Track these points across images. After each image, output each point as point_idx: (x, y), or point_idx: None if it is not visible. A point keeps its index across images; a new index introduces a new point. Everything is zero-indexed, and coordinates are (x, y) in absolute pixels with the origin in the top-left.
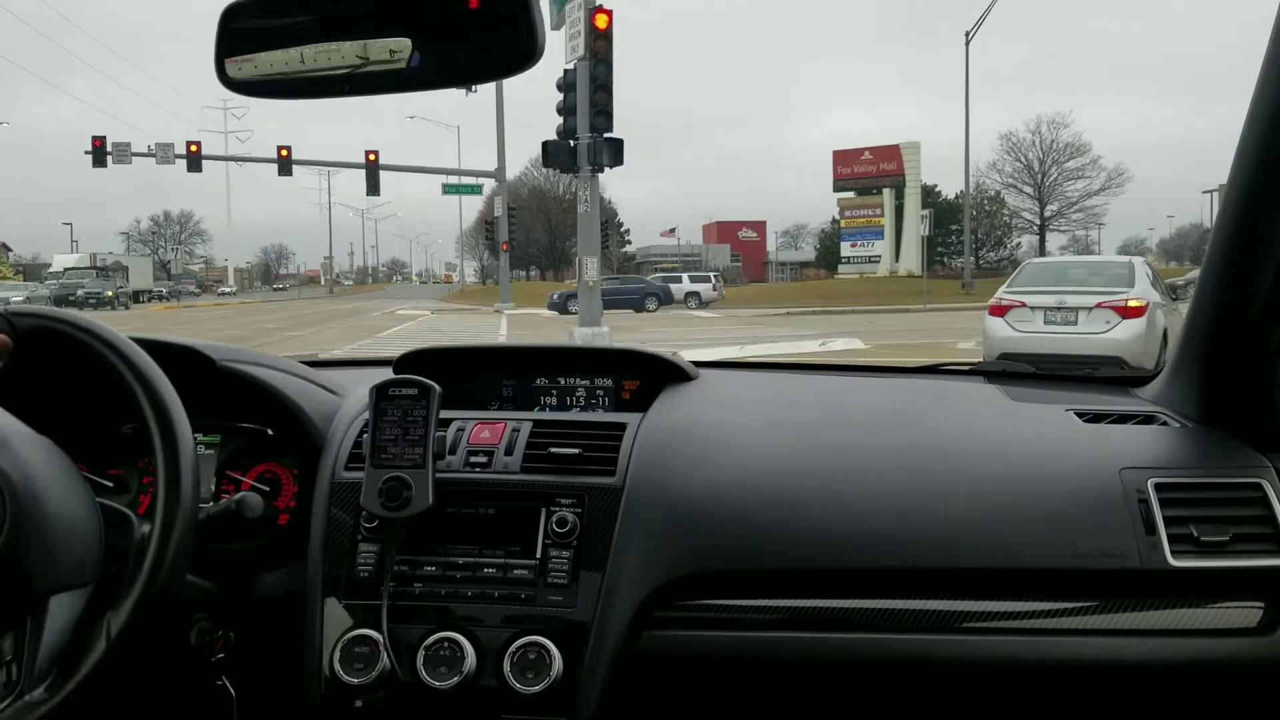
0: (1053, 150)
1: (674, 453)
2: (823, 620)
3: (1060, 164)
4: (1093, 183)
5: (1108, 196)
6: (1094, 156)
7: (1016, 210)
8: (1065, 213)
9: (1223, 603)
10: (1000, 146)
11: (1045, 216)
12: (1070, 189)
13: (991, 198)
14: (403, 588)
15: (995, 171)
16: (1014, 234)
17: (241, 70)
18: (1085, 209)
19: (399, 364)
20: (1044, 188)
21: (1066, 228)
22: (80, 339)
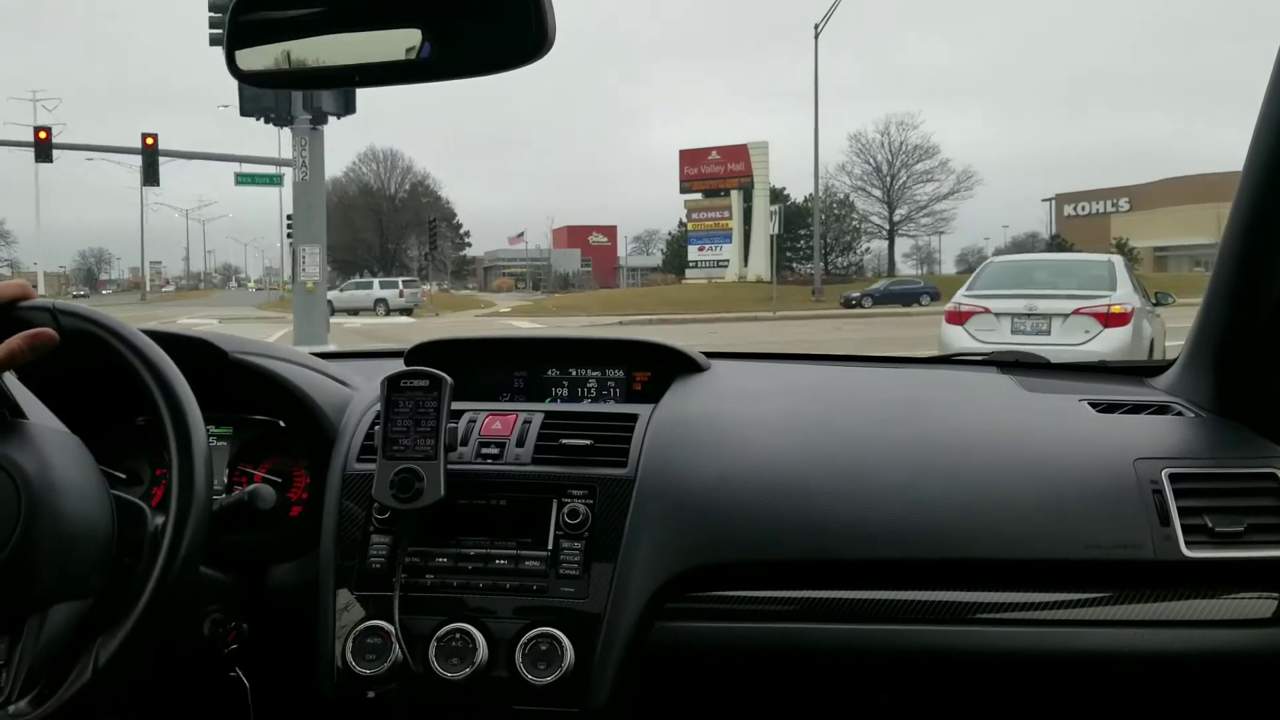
0: (902, 152)
1: (685, 443)
2: (835, 611)
3: (909, 166)
4: (942, 186)
5: (957, 200)
6: (943, 159)
7: (866, 214)
8: (915, 217)
9: (1237, 594)
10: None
11: (895, 221)
12: (919, 192)
13: (841, 201)
14: (414, 579)
15: (845, 173)
16: (863, 239)
17: (252, 62)
18: (934, 213)
19: (410, 355)
20: (893, 191)
21: (916, 232)
22: (94, 333)
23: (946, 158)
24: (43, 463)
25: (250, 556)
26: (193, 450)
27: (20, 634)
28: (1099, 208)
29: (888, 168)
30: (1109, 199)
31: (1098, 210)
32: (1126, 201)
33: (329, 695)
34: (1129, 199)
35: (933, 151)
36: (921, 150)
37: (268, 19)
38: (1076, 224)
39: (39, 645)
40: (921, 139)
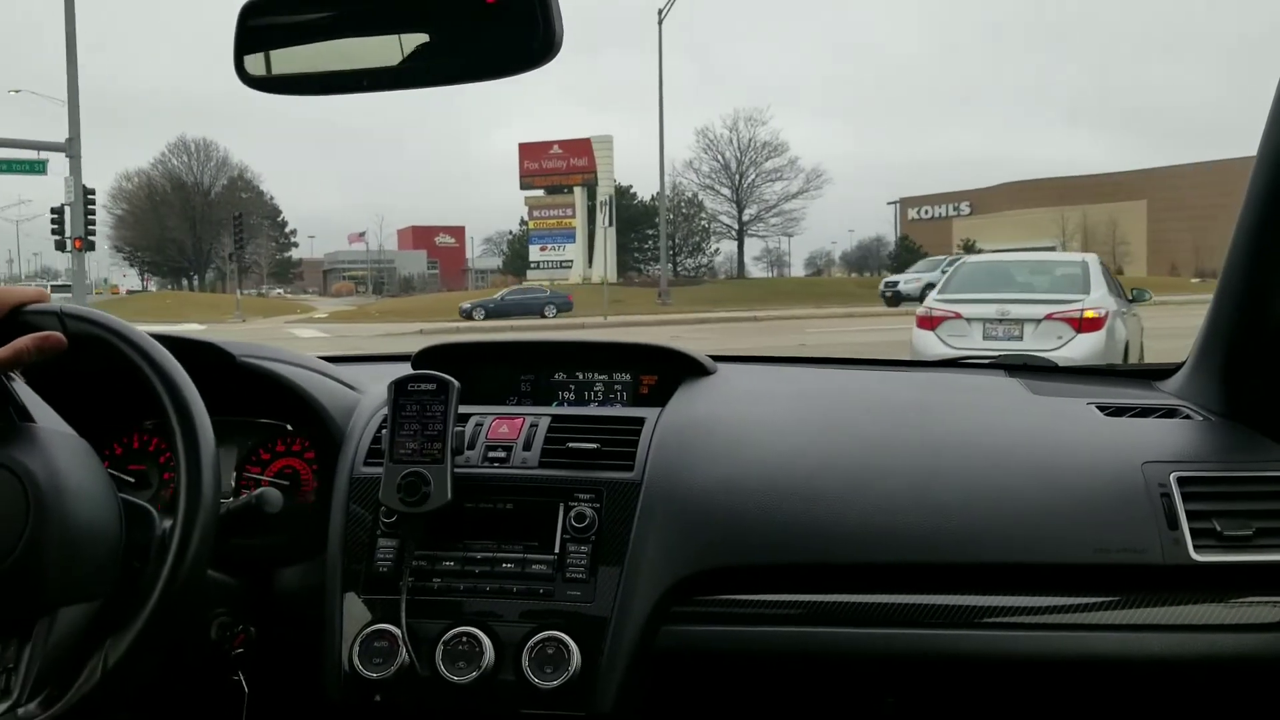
0: (751, 149)
1: (692, 447)
2: (842, 615)
3: (759, 164)
4: (791, 184)
5: (806, 200)
6: (792, 157)
7: (715, 214)
8: (764, 216)
9: (1246, 598)
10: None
11: (744, 220)
12: (769, 191)
13: (689, 200)
14: (421, 583)
15: (692, 170)
16: (713, 239)
17: (260, 68)
18: (784, 213)
19: (418, 359)
20: (742, 189)
21: (766, 233)
22: (102, 337)
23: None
24: (50, 466)
25: (257, 560)
26: (200, 453)
27: (29, 636)
28: (941, 211)
29: (736, 165)
30: (951, 203)
31: (940, 214)
32: (968, 205)
33: (336, 699)
34: (970, 203)
35: (782, 149)
36: (770, 147)
37: (276, 24)
38: (920, 227)
39: (48, 647)
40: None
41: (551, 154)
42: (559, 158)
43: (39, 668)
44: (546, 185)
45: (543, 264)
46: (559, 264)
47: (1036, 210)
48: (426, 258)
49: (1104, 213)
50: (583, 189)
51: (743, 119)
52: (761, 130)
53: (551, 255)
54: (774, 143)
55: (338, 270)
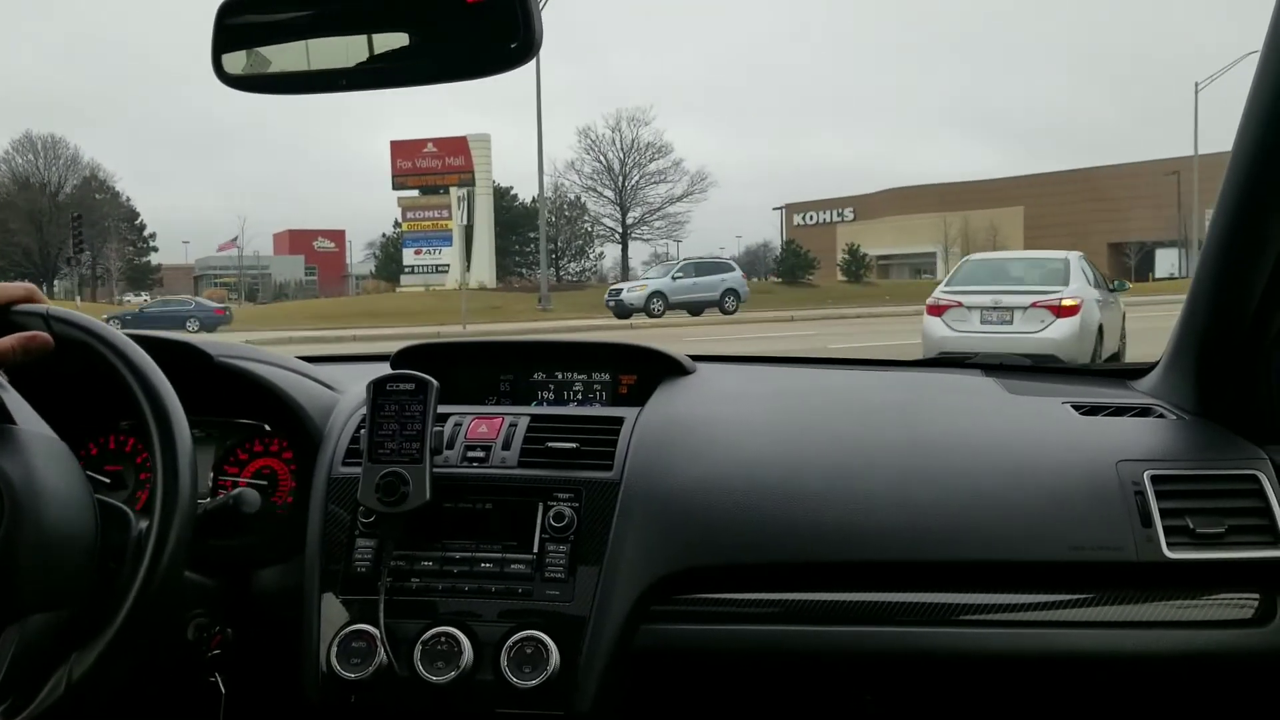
0: (634, 150)
1: (672, 446)
2: (821, 614)
3: (642, 165)
4: (675, 187)
5: (691, 203)
6: (676, 159)
7: (598, 217)
8: (649, 220)
9: (1219, 594)
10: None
11: (628, 224)
12: (653, 193)
13: (572, 203)
14: (400, 583)
15: (574, 171)
16: (596, 243)
17: (238, 66)
18: (669, 215)
19: (396, 359)
20: (625, 191)
21: (650, 236)
22: (76, 336)
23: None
24: (27, 469)
25: (235, 560)
26: (177, 454)
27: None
28: (826, 217)
29: (620, 166)
30: (835, 209)
31: (825, 220)
32: (851, 211)
33: (313, 699)
34: (854, 208)
35: (666, 150)
36: (654, 149)
37: (254, 23)
38: (806, 232)
39: (15, 655)
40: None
41: (426, 153)
42: (434, 156)
43: (4, 675)
44: (421, 185)
45: (417, 268)
46: (435, 268)
47: (919, 216)
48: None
49: (984, 218)
50: (460, 189)
51: (625, 119)
52: (645, 131)
53: (427, 259)
54: (658, 144)
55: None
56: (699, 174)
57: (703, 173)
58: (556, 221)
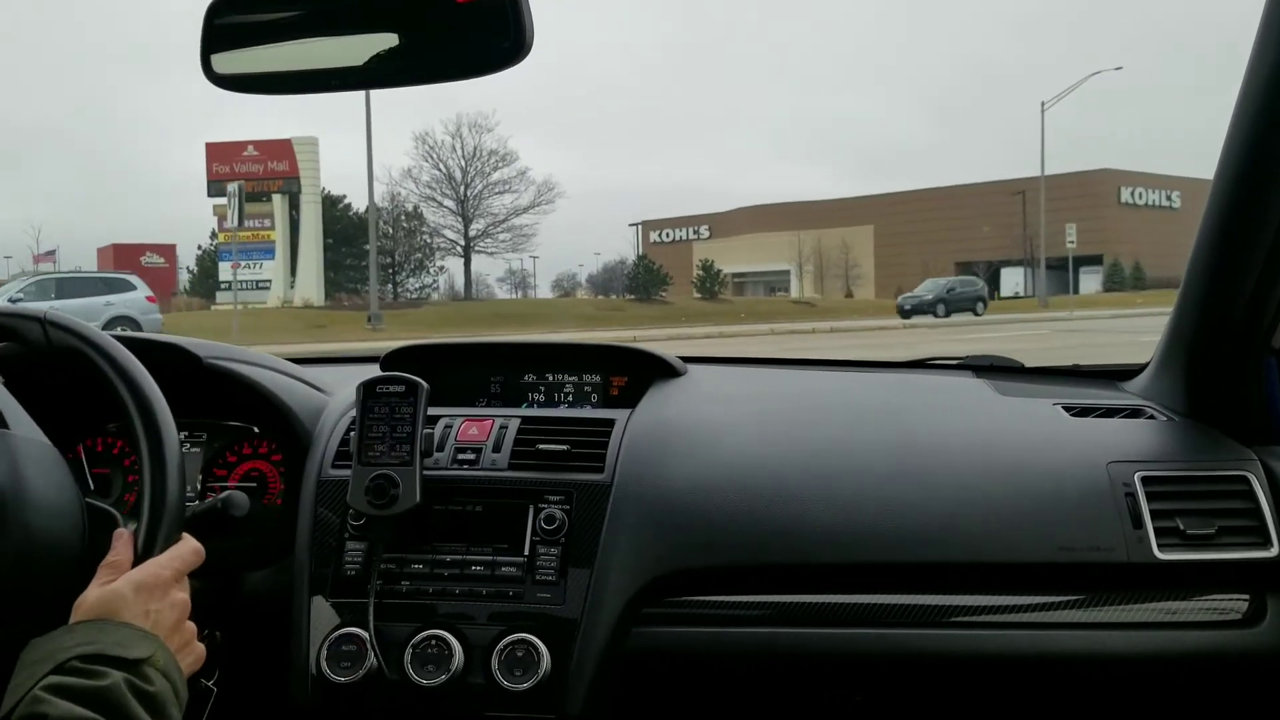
0: (476, 158)
1: (662, 448)
2: (811, 615)
3: (485, 175)
4: (521, 197)
5: (538, 214)
6: (521, 168)
7: (438, 228)
8: (492, 232)
9: (1209, 595)
10: (416, 150)
11: (471, 236)
12: (497, 204)
13: (410, 213)
14: (390, 586)
15: (411, 179)
16: (437, 256)
17: (227, 66)
18: (514, 228)
19: (386, 361)
20: (468, 202)
21: (495, 249)
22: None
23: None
24: (16, 475)
25: (224, 563)
26: (164, 456)
27: None
28: (682, 234)
29: (461, 175)
30: (691, 226)
31: (681, 237)
32: (707, 229)
33: (303, 702)
34: (710, 226)
35: (511, 158)
36: (498, 156)
37: (243, 23)
38: (662, 249)
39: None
40: (498, 144)
41: (246, 156)
42: (255, 160)
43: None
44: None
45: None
46: (256, 284)
47: (773, 234)
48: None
49: (836, 236)
50: (283, 197)
51: (467, 125)
52: (488, 138)
53: (246, 274)
54: (501, 151)
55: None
56: (546, 184)
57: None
58: (393, 234)
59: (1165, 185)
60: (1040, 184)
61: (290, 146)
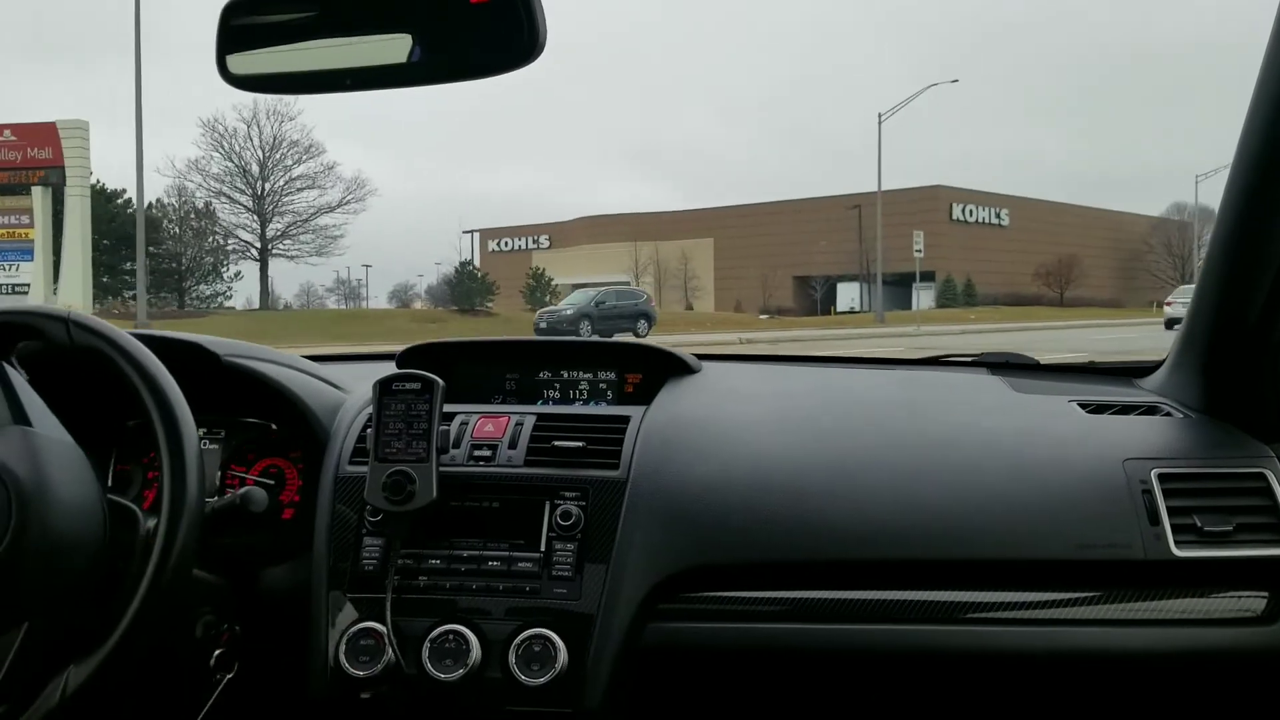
0: (277, 149)
1: (677, 445)
2: (828, 612)
3: (287, 168)
4: (328, 194)
5: (348, 213)
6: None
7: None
8: (294, 233)
9: (1226, 592)
10: (204, 138)
11: (269, 237)
12: (299, 201)
13: (200, 210)
14: (407, 581)
15: (198, 172)
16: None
17: (243, 66)
18: (319, 229)
19: (402, 358)
20: (265, 198)
21: (297, 252)
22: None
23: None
24: (39, 472)
25: (243, 559)
26: (184, 453)
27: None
28: (521, 244)
29: (260, 169)
30: (531, 235)
31: (520, 246)
32: (547, 238)
33: (322, 697)
34: (549, 236)
35: (317, 150)
36: (301, 148)
37: (258, 23)
38: (501, 259)
39: (14, 658)
40: (302, 134)
41: (2, 141)
42: (13, 146)
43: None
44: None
45: None
46: (10, 288)
47: (614, 245)
48: None
49: (676, 249)
50: (45, 189)
51: (265, 112)
52: (290, 127)
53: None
54: (305, 142)
55: None
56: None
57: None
58: (180, 234)
59: (994, 203)
60: (877, 198)
61: (55, 131)
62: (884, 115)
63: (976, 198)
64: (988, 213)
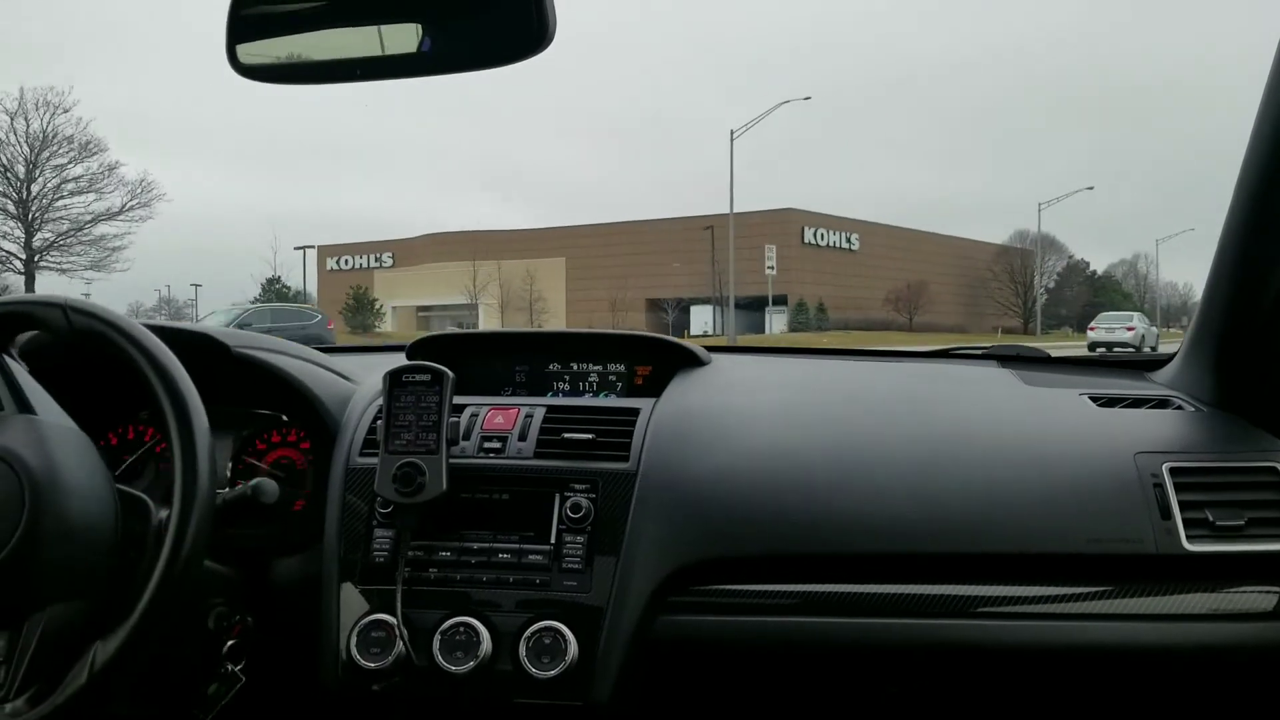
0: (49, 145)
1: (687, 437)
2: (838, 605)
3: (61, 167)
4: (108, 198)
5: (131, 222)
6: (110, 163)
7: None
8: (67, 243)
9: (1238, 587)
10: None
11: (36, 247)
12: (73, 206)
13: None
14: (418, 573)
15: None
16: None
17: (253, 57)
18: (96, 239)
19: (413, 350)
20: (32, 202)
21: (70, 266)
22: (94, 328)
23: (117, 160)
24: (48, 459)
25: (254, 550)
26: (196, 444)
27: (20, 631)
28: (363, 261)
29: (26, 169)
30: (373, 253)
31: (362, 264)
32: (390, 256)
33: (333, 688)
34: (393, 254)
35: (95, 147)
36: (78, 145)
37: (268, 13)
38: (342, 277)
39: (38, 643)
40: (78, 128)
41: None
42: None
43: (28, 663)
44: None
45: None
46: None
47: (462, 264)
48: None
49: (523, 268)
50: None
51: (35, 102)
52: (63, 120)
53: None
54: (82, 139)
55: None
56: (143, 183)
57: (148, 182)
58: None
59: (845, 227)
60: (729, 220)
61: None
62: (736, 132)
63: (828, 221)
64: (839, 237)
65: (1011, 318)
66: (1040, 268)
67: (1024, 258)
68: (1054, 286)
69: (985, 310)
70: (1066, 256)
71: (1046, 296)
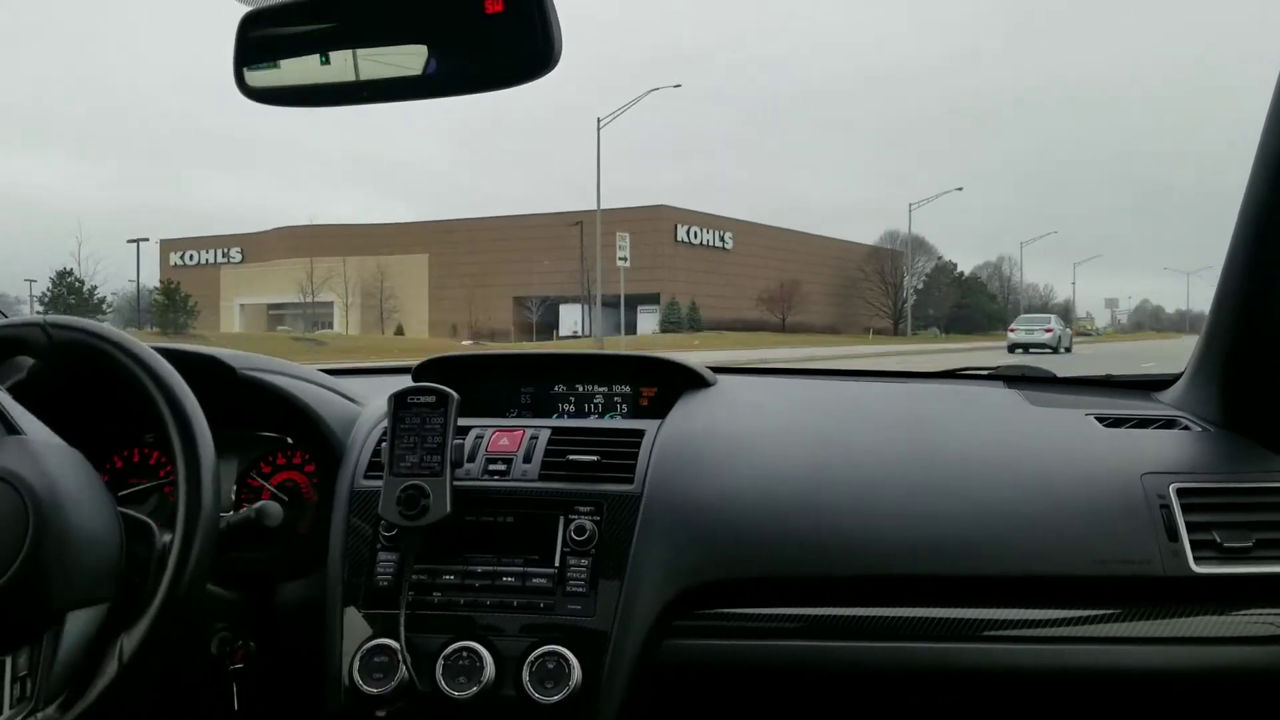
0: None
1: (693, 459)
2: (843, 629)
3: None
4: None
5: None
6: None
7: None
8: None
9: (1246, 610)
10: None
11: None
12: None
13: None
14: (422, 597)
15: None
16: None
17: (260, 79)
18: None
19: (418, 372)
20: None
21: None
22: (102, 349)
23: None
24: (46, 475)
25: (258, 573)
26: (200, 467)
27: (40, 643)
28: (210, 257)
29: None
30: (220, 247)
31: (209, 260)
32: (239, 252)
33: (336, 714)
34: (242, 249)
35: None
36: None
37: (276, 36)
38: (186, 273)
39: (60, 653)
40: None
41: None
42: None
43: (54, 672)
44: None
45: None
46: None
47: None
48: None
49: (387, 264)
50: None
51: None
52: None
53: None
54: None
55: None
56: None
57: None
58: None
59: (719, 225)
60: (597, 216)
61: None
62: (603, 120)
63: (701, 219)
64: (712, 235)
65: (882, 318)
66: (910, 268)
67: (894, 258)
68: (923, 288)
69: (857, 311)
70: (935, 258)
71: (916, 297)
